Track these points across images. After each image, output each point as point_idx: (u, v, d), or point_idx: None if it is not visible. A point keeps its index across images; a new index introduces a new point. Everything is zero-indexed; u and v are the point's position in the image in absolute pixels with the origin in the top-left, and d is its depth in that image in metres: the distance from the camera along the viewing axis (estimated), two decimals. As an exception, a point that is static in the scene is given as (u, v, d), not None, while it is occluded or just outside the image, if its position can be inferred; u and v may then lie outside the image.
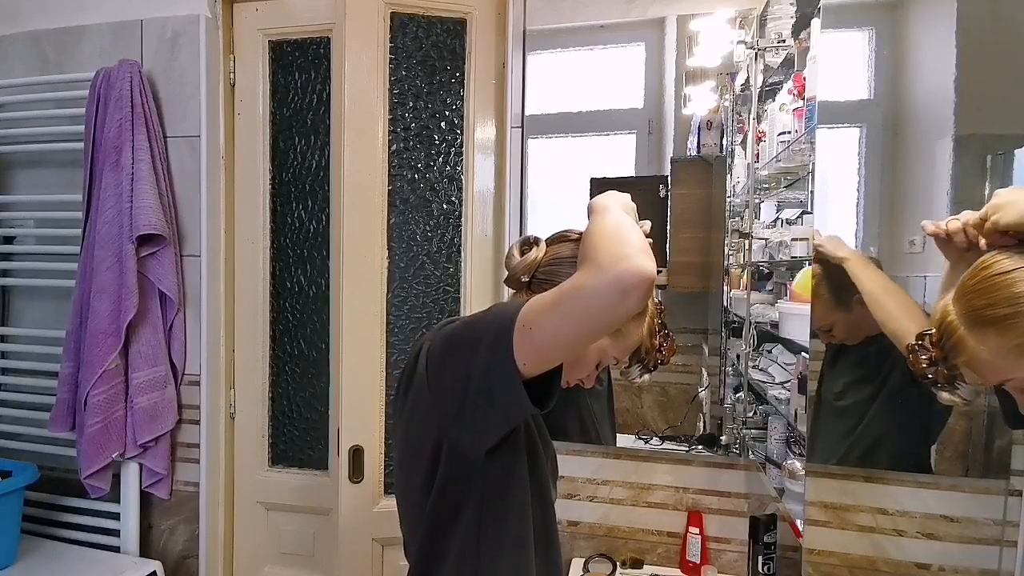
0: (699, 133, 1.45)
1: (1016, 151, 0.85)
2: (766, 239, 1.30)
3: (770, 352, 1.37)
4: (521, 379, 0.63)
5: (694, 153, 1.46)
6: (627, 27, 1.50)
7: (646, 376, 0.88)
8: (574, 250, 0.78)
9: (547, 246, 0.82)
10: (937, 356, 0.59)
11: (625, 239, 0.64)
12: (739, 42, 1.39)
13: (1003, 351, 0.54)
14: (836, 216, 1.06)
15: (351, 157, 1.44)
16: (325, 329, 1.62)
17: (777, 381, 1.29)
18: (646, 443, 1.47)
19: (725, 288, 1.45)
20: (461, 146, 1.56)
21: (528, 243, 0.82)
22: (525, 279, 0.80)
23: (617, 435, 1.50)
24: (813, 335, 1.02)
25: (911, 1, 1.00)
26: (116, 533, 1.59)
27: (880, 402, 0.95)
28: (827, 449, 1.02)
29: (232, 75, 1.66)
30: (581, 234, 0.78)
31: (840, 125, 1.04)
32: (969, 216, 0.63)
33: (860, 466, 1.00)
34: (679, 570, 1.43)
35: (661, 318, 0.86)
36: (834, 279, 0.96)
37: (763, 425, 1.36)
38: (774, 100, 1.30)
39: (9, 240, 1.75)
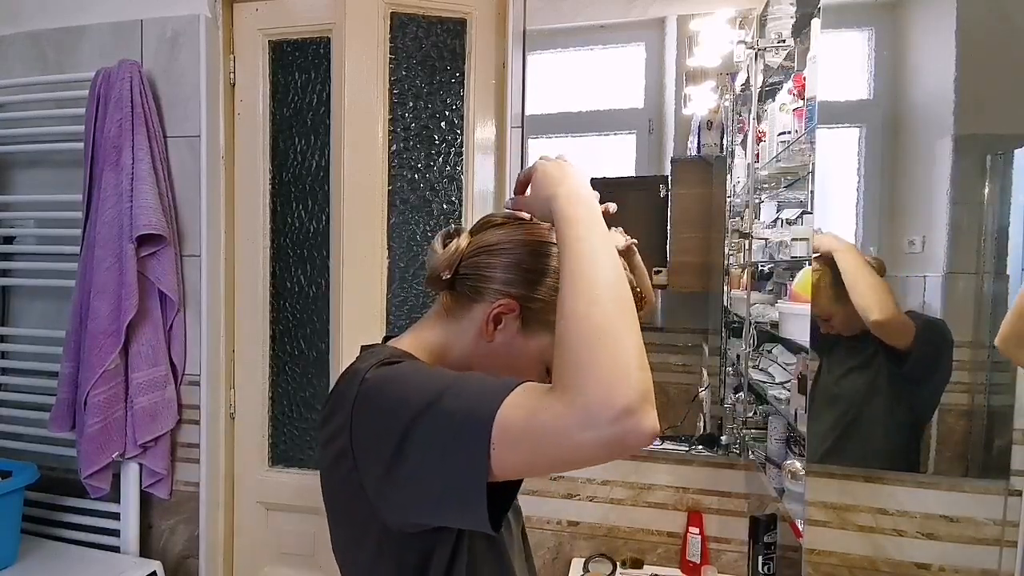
0: (699, 133, 1.45)
1: (1016, 151, 0.85)
2: (766, 239, 1.30)
3: (770, 352, 1.37)
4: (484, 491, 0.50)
5: (694, 153, 1.46)
6: (627, 27, 1.50)
7: None
8: (502, 236, 0.68)
9: (470, 236, 0.70)
10: None
11: (630, 347, 0.50)
12: (739, 42, 1.39)
13: None
14: (836, 216, 1.06)
15: (351, 157, 1.44)
16: (325, 329, 1.62)
17: (777, 381, 1.28)
18: (646, 443, 1.47)
19: (725, 288, 1.45)
20: (461, 146, 1.56)
21: (449, 235, 0.70)
22: (447, 275, 0.67)
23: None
24: (813, 335, 1.02)
25: (911, 1, 1.00)
26: (116, 533, 1.59)
27: (871, 389, 0.98)
28: (822, 435, 1.03)
29: (232, 75, 1.66)
30: (506, 219, 0.70)
31: (840, 125, 1.04)
32: None
33: (855, 459, 1.01)
34: (679, 570, 1.43)
35: None
36: (835, 275, 0.99)
37: (763, 425, 1.36)
38: (774, 100, 1.30)
39: (9, 240, 1.75)
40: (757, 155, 1.34)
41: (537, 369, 0.67)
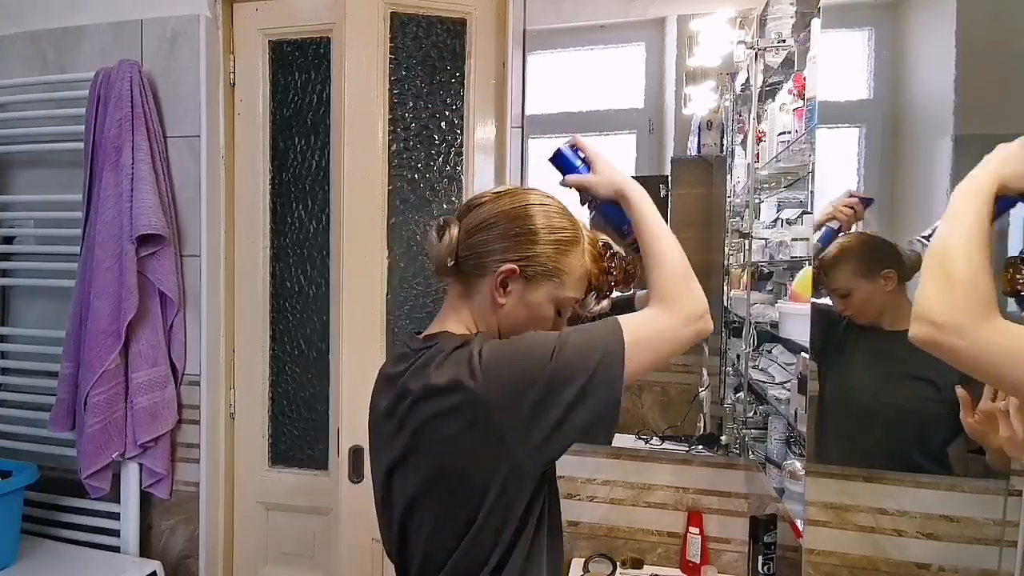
0: (699, 133, 1.45)
1: (1016, 151, 0.85)
2: (766, 239, 1.30)
3: (770, 352, 1.37)
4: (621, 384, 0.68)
5: (694, 153, 1.46)
6: (627, 27, 1.50)
7: (604, 303, 0.85)
8: (486, 214, 0.77)
9: (459, 221, 0.79)
10: None
11: (692, 275, 0.77)
12: (739, 42, 1.39)
13: None
14: (836, 216, 1.06)
15: (351, 157, 1.44)
16: (325, 329, 1.62)
17: (777, 381, 1.28)
18: (646, 443, 1.47)
19: (725, 288, 1.45)
20: (461, 146, 1.56)
21: (441, 227, 0.79)
22: (451, 262, 0.77)
23: (617, 435, 1.50)
24: (813, 335, 1.02)
25: (911, 1, 1.00)
26: (116, 533, 1.59)
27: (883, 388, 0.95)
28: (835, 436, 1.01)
29: (232, 75, 1.66)
30: (490, 198, 0.79)
31: (840, 125, 1.04)
32: None
33: (862, 459, 1.00)
34: (679, 570, 1.43)
35: (601, 240, 0.83)
36: (870, 246, 0.95)
37: (763, 425, 1.36)
38: (774, 100, 1.30)
39: (9, 240, 1.75)
40: (757, 155, 1.34)
41: (551, 312, 0.79)
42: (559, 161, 0.88)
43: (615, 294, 0.86)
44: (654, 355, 0.72)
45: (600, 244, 0.82)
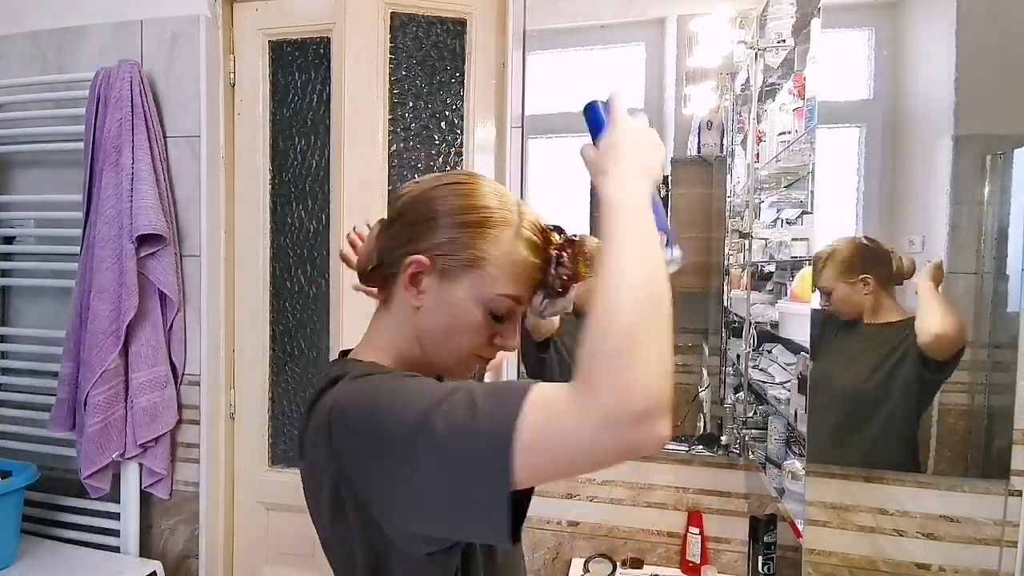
0: (699, 133, 1.45)
1: (1016, 151, 0.85)
2: (766, 239, 1.30)
3: (770, 352, 1.37)
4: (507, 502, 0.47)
5: (694, 153, 1.46)
6: (627, 27, 1.50)
7: (561, 303, 0.66)
8: (396, 207, 0.66)
9: (380, 223, 0.68)
10: None
11: (654, 350, 0.46)
12: (739, 42, 1.39)
13: None
14: (836, 216, 1.06)
15: (351, 157, 1.44)
16: (325, 329, 1.62)
17: (777, 381, 1.28)
18: (646, 443, 1.47)
19: (725, 288, 1.45)
20: (461, 146, 1.56)
21: (370, 228, 0.69)
22: (370, 267, 0.67)
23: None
24: (813, 335, 1.02)
25: (911, 1, 1.00)
26: (116, 533, 1.59)
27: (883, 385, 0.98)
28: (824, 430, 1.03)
29: (232, 75, 1.66)
30: (408, 188, 0.66)
31: (840, 125, 1.04)
32: None
33: (860, 463, 1.01)
34: (679, 570, 1.43)
35: (549, 224, 0.66)
36: (854, 253, 1.00)
37: (763, 425, 1.35)
38: (774, 100, 1.30)
39: (9, 240, 1.75)
40: (757, 155, 1.34)
41: (479, 314, 0.62)
42: (588, 119, 0.63)
43: (575, 290, 0.66)
44: (551, 471, 0.47)
45: (544, 228, 0.65)
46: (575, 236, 0.65)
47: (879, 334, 0.98)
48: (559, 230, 0.66)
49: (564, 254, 0.64)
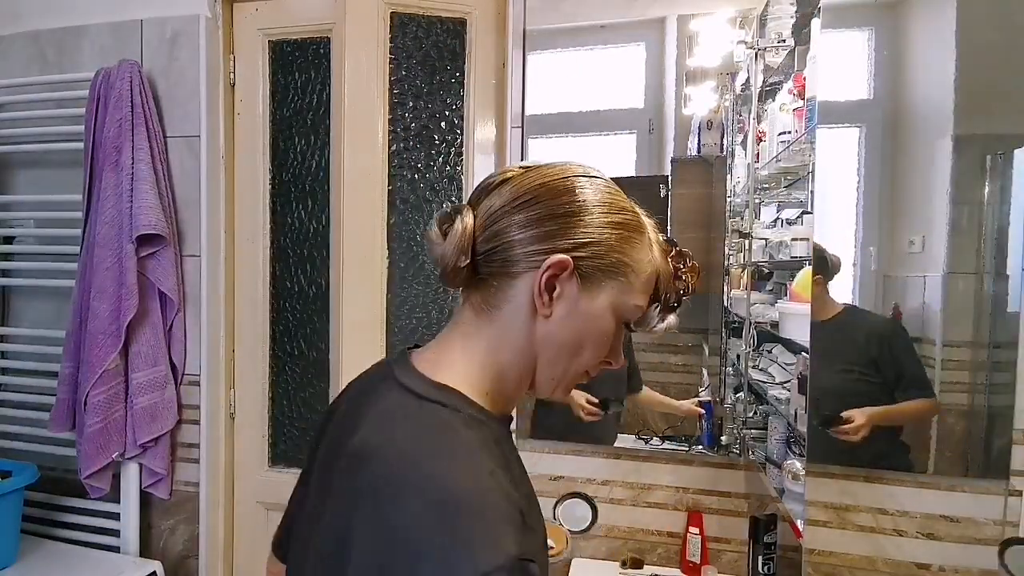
0: (699, 133, 1.45)
1: (1016, 151, 0.85)
2: (766, 239, 1.30)
3: (770, 352, 1.37)
4: None
5: (694, 153, 1.46)
6: (627, 27, 1.50)
7: (670, 318, 0.61)
8: (513, 190, 0.55)
9: (472, 208, 0.57)
10: None
11: None
12: (739, 42, 1.39)
13: None
14: (836, 216, 1.06)
15: (351, 157, 1.44)
16: (325, 329, 1.62)
17: (777, 381, 1.28)
18: (646, 443, 1.47)
19: (725, 288, 1.45)
20: (461, 146, 1.56)
21: (448, 217, 0.56)
22: (464, 262, 0.54)
23: (618, 435, 1.50)
24: (813, 335, 1.02)
25: (911, 1, 1.00)
26: (116, 533, 1.58)
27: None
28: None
29: (232, 75, 1.66)
30: (516, 172, 0.57)
31: (840, 125, 1.04)
32: None
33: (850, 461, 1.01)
34: (679, 570, 1.43)
35: (667, 235, 0.63)
36: (815, 257, 1.04)
37: (763, 425, 1.36)
38: (774, 100, 1.30)
39: (9, 240, 1.75)
40: (757, 155, 1.34)
41: (613, 325, 0.56)
42: None
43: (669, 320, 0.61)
44: None
45: (665, 238, 0.60)
46: (687, 251, 0.62)
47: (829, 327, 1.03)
48: (672, 242, 0.62)
49: (682, 266, 0.60)
